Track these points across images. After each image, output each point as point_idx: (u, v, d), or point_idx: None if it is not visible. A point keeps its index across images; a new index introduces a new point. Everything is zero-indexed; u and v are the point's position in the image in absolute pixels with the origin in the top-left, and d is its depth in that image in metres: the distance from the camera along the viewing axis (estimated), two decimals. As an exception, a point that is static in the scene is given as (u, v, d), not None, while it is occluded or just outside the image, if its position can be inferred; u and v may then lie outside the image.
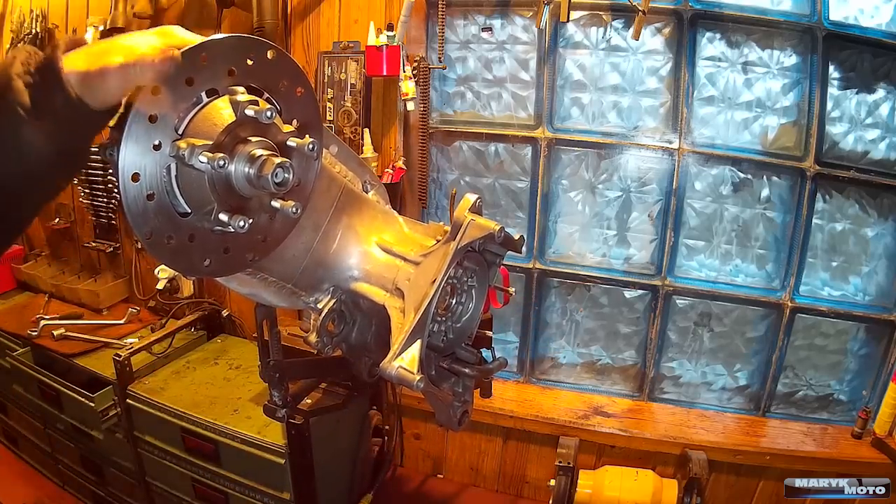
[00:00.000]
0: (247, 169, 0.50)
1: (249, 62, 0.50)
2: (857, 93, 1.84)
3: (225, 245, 0.53)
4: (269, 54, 0.51)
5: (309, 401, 1.65)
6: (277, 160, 0.51)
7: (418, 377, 0.60)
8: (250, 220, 0.52)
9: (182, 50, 0.45)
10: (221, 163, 0.47)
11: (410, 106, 1.95)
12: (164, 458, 1.95)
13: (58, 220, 2.72)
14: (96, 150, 0.48)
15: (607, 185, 2.05)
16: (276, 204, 0.54)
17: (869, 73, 1.82)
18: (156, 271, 2.26)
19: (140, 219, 0.46)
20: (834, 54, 1.81)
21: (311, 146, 0.55)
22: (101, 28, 2.30)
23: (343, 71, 2.02)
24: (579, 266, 2.11)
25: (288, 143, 0.54)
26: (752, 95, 1.89)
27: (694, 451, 1.87)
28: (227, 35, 0.48)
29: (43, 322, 2.27)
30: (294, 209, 0.55)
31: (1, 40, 2.70)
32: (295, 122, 0.56)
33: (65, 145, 0.45)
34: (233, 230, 0.51)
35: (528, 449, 2.15)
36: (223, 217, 0.50)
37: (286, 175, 0.52)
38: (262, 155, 0.50)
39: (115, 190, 2.43)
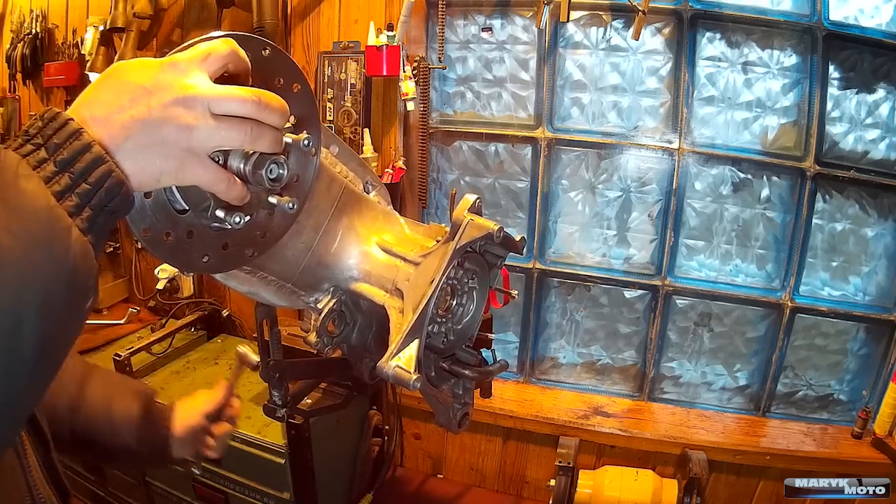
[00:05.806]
0: (241, 165, 0.49)
1: None
2: (857, 93, 1.84)
3: (223, 241, 0.53)
4: (265, 51, 0.51)
5: (309, 401, 1.65)
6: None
7: (415, 377, 0.60)
8: (247, 217, 0.52)
9: (178, 48, 0.45)
10: (217, 159, 0.48)
11: (410, 106, 1.95)
12: (163, 458, 1.95)
13: (58, 220, 2.71)
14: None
15: (607, 185, 2.04)
16: (272, 200, 0.54)
17: (869, 73, 1.82)
18: (156, 271, 2.26)
19: (137, 216, 0.46)
20: (834, 54, 1.81)
21: (306, 142, 0.55)
22: (102, 28, 2.30)
23: (343, 71, 2.01)
24: (579, 266, 2.11)
25: (283, 139, 0.54)
26: (752, 95, 1.89)
27: (694, 451, 1.86)
28: (222, 32, 0.48)
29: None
30: (290, 205, 0.55)
31: (1, 40, 2.70)
32: (292, 118, 0.56)
33: None
34: (230, 227, 0.51)
35: (528, 449, 2.15)
36: (220, 214, 0.51)
37: (280, 171, 0.52)
38: (256, 151, 0.50)
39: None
